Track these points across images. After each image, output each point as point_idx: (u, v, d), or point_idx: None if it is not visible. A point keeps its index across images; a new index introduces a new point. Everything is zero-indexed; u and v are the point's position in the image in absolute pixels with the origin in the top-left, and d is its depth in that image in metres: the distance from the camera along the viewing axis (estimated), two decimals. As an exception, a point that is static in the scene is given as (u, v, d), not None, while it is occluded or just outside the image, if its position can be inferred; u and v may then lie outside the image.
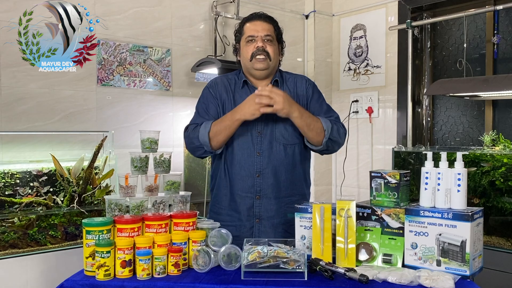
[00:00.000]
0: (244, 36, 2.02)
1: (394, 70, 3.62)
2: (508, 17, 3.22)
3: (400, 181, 1.66)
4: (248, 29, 2.02)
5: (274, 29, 2.04)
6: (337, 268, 1.54)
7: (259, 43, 1.97)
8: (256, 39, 1.98)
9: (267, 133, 1.98)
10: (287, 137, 1.99)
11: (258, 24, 2.01)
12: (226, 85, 2.07)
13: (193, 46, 3.32)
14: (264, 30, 2.00)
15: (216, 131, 1.91)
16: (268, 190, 1.97)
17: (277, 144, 1.98)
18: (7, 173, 2.39)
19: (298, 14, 3.91)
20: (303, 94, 2.05)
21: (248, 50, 1.99)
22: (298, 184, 2.04)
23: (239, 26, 2.08)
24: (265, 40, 1.98)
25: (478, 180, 2.73)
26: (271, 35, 2.01)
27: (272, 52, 1.99)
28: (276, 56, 2.03)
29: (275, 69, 2.06)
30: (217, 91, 2.05)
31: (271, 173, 1.97)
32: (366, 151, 3.79)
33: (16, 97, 2.61)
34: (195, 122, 2.01)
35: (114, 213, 1.74)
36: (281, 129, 1.99)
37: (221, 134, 1.91)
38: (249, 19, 2.05)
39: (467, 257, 1.50)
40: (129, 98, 3.03)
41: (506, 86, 2.62)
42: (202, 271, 1.61)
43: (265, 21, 2.02)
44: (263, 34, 1.99)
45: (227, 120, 1.91)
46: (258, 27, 2.00)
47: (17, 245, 2.25)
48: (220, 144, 1.95)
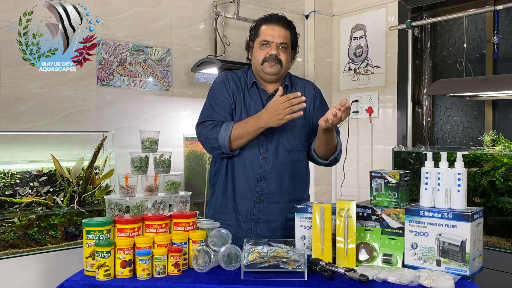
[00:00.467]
0: (259, 39, 1.97)
1: (394, 70, 3.62)
2: (508, 17, 3.22)
3: (400, 181, 1.66)
4: (264, 33, 1.97)
5: (291, 35, 1.99)
6: (337, 268, 1.54)
7: (273, 50, 1.93)
8: (271, 45, 1.94)
9: (273, 138, 1.97)
10: (292, 143, 1.98)
11: (275, 30, 1.95)
12: (236, 82, 2.03)
13: (193, 46, 3.32)
14: (281, 37, 1.94)
15: (238, 135, 1.88)
16: (269, 194, 1.96)
17: (282, 150, 1.97)
18: (7, 173, 2.39)
19: (298, 14, 3.91)
20: (310, 101, 2.04)
21: (261, 54, 1.96)
22: (300, 190, 2.04)
23: (256, 25, 2.02)
24: (280, 47, 1.94)
25: (478, 180, 2.73)
26: (287, 43, 1.96)
27: (285, 59, 1.96)
28: (288, 62, 2.00)
29: (285, 73, 2.04)
30: (229, 87, 2.01)
31: (275, 178, 1.96)
32: (366, 151, 3.79)
33: (16, 97, 2.61)
34: (211, 118, 1.96)
35: (114, 213, 1.74)
36: (287, 134, 1.98)
37: (243, 138, 1.89)
38: (267, 21, 1.98)
39: (467, 257, 1.50)
40: (129, 98, 3.03)
41: (506, 86, 2.62)
42: (202, 271, 1.61)
43: (283, 27, 1.96)
44: (279, 42, 1.94)
45: (251, 126, 1.86)
46: (275, 33, 1.94)
47: (17, 245, 2.25)
48: (240, 147, 1.92)
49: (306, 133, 2.02)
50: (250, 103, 2.00)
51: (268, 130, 1.94)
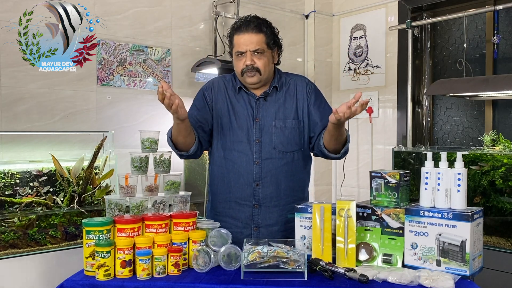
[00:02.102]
0: (234, 49, 1.95)
1: (394, 70, 3.62)
2: (508, 17, 3.22)
3: (400, 181, 1.66)
4: (236, 43, 1.92)
5: (265, 37, 1.91)
6: (337, 268, 1.54)
7: (248, 60, 1.88)
8: (245, 54, 1.89)
9: (266, 141, 1.95)
10: (286, 145, 1.96)
11: (246, 38, 1.89)
12: (223, 87, 2.02)
13: (193, 46, 3.32)
14: (252, 43, 1.88)
15: (173, 133, 1.88)
16: (267, 199, 1.94)
17: (276, 152, 1.95)
18: (7, 173, 2.39)
19: (298, 14, 3.91)
20: (303, 97, 2.00)
21: (238, 65, 1.93)
22: (299, 190, 2.02)
23: (230, 35, 1.97)
24: (254, 53, 1.89)
25: (478, 180, 2.73)
26: (261, 48, 1.90)
27: (262, 65, 1.91)
28: (268, 67, 1.94)
29: (270, 77, 1.99)
30: (212, 94, 2.01)
31: (271, 182, 1.94)
32: (366, 151, 3.79)
33: (16, 97, 2.61)
34: None
35: (114, 213, 1.74)
36: (279, 136, 1.95)
37: (178, 136, 1.87)
38: (237, 29, 1.92)
39: (467, 257, 1.50)
40: (129, 98, 3.03)
41: (506, 86, 2.62)
42: (202, 271, 1.61)
43: (253, 32, 1.89)
44: (252, 49, 1.89)
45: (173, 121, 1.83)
46: (246, 41, 1.89)
47: (17, 245, 2.25)
48: (186, 145, 1.90)
49: (299, 132, 1.99)
50: (239, 107, 1.99)
51: (259, 134, 1.94)
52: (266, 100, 1.99)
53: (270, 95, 2.00)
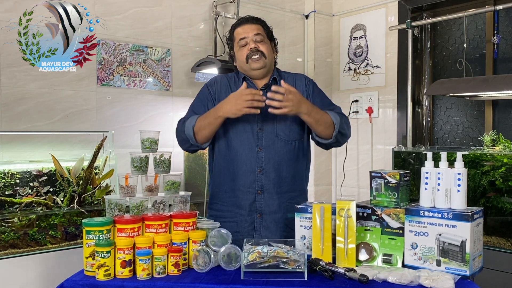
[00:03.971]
0: (236, 41, 2.05)
1: (394, 70, 3.62)
2: (508, 17, 3.22)
3: (400, 181, 1.66)
4: (238, 34, 2.05)
5: (264, 28, 2.07)
6: (337, 268, 1.54)
7: (252, 44, 2.00)
8: (248, 40, 2.01)
9: (268, 130, 2.00)
10: (288, 133, 2.01)
11: (246, 27, 2.04)
12: (226, 84, 2.09)
13: (193, 46, 3.32)
14: (254, 30, 2.02)
15: (200, 126, 1.92)
16: (269, 185, 1.98)
17: (278, 141, 2.00)
18: (7, 173, 2.39)
19: (298, 14, 3.91)
20: (303, 90, 2.06)
21: (242, 53, 2.02)
22: (299, 180, 2.06)
23: (230, 33, 2.11)
24: (256, 40, 2.01)
25: (478, 180, 2.73)
26: (262, 34, 2.03)
27: (266, 50, 2.01)
28: (271, 54, 2.05)
29: (272, 67, 2.08)
30: (215, 90, 2.07)
31: (273, 168, 1.98)
32: (366, 151, 3.79)
33: (16, 97, 2.61)
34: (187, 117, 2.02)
35: (114, 213, 1.74)
36: (282, 125, 2.00)
37: (205, 129, 1.92)
38: (237, 24, 2.08)
39: (467, 257, 1.50)
40: (129, 98, 3.03)
41: (506, 86, 2.62)
42: (202, 271, 1.61)
43: (252, 23, 2.05)
44: (253, 34, 2.01)
45: (211, 116, 1.91)
46: (247, 29, 2.03)
47: (17, 245, 2.25)
48: (205, 139, 1.96)
49: (300, 122, 2.02)
50: None
51: (262, 124, 1.99)
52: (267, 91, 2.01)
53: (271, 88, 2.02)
